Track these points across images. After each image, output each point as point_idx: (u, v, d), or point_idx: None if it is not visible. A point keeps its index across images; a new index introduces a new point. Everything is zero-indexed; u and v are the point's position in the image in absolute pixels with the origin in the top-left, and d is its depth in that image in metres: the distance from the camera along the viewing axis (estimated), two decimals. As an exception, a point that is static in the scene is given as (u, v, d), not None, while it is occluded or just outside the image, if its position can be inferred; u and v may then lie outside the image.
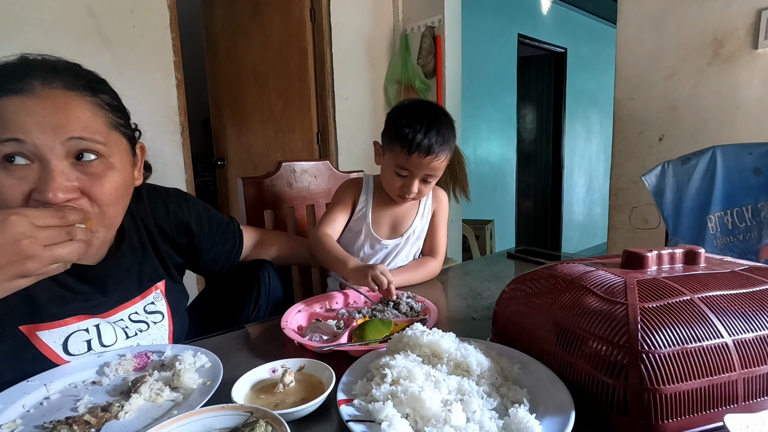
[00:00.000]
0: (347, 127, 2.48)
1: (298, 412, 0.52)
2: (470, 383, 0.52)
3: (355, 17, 2.44)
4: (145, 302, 0.79)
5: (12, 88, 0.58)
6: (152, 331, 0.78)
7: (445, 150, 1.02)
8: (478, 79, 3.59)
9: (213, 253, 0.94)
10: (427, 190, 1.07)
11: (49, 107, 0.59)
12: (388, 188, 1.09)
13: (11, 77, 0.59)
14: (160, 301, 0.81)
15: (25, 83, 0.59)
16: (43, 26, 1.61)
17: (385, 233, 1.15)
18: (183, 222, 0.87)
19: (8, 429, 0.52)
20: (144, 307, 0.78)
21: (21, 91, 0.58)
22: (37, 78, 0.60)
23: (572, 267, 0.64)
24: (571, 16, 4.51)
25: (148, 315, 0.78)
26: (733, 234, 1.28)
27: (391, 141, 1.03)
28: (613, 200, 1.82)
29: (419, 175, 1.03)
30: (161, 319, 0.80)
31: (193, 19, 2.99)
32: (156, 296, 0.81)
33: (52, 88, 0.60)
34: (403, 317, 0.84)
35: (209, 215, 0.94)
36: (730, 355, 0.47)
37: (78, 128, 0.60)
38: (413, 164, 1.01)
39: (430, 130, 0.99)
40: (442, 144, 1.01)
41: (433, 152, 0.99)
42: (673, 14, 1.60)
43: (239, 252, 0.99)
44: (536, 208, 5.00)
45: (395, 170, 1.04)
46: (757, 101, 1.47)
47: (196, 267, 0.96)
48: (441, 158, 1.02)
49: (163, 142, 1.95)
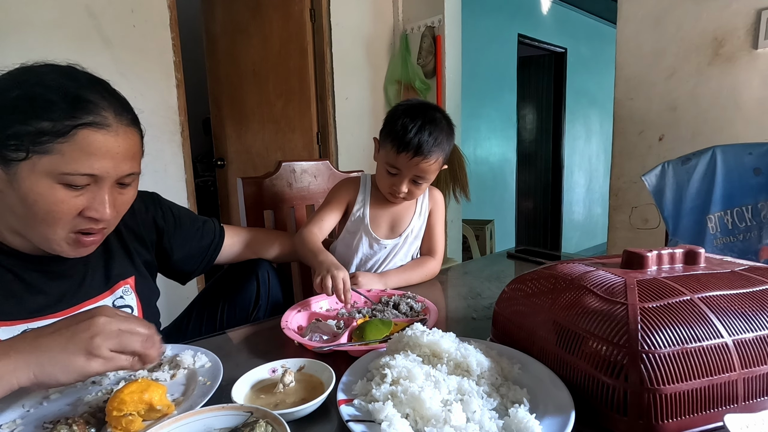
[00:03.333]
0: (347, 127, 2.48)
1: (298, 412, 0.52)
2: (470, 383, 0.52)
3: (355, 17, 2.44)
4: (114, 296, 0.80)
5: (91, 121, 0.62)
6: None
7: (436, 153, 1.00)
8: (478, 79, 3.59)
9: (186, 250, 0.94)
10: (418, 191, 1.07)
11: (122, 144, 0.65)
12: (380, 185, 1.10)
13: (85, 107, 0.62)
14: (129, 295, 0.82)
15: (101, 115, 0.63)
16: (43, 26, 1.61)
17: (384, 233, 1.14)
18: (148, 219, 0.88)
19: (8, 429, 0.52)
20: (113, 301, 0.79)
21: (100, 125, 0.63)
22: (109, 110, 0.64)
23: (572, 267, 0.64)
24: (571, 16, 4.50)
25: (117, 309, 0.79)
26: (733, 234, 1.28)
27: (385, 138, 1.03)
28: (613, 200, 1.82)
29: (408, 176, 1.02)
30: (130, 312, 0.80)
31: (193, 19, 2.99)
32: (125, 290, 0.81)
33: (122, 123, 0.66)
34: (403, 317, 0.84)
35: (180, 213, 0.94)
36: (730, 355, 0.47)
37: (134, 165, 0.69)
38: (401, 163, 1.00)
39: (422, 130, 0.98)
40: (433, 146, 0.99)
41: (421, 153, 0.98)
42: (673, 14, 1.60)
43: (217, 249, 0.99)
44: (536, 208, 5.00)
45: (386, 167, 1.04)
46: (757, 101, 1.47)
47: (170, 265, 0.95)
48: (431, 160, 1.00)
49: (163, 142, 1.95)
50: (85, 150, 0.61)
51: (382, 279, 1.04)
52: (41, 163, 0.60)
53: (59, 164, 0.60)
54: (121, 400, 0.51)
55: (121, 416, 0.50)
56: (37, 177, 0.60)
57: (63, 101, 0.60)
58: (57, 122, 0.59)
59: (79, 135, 0.61)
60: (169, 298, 1.76)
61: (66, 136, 0.60)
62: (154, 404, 0.53)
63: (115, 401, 0.51)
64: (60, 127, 0.59)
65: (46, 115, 0.59)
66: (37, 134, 0.59)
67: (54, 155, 0.60)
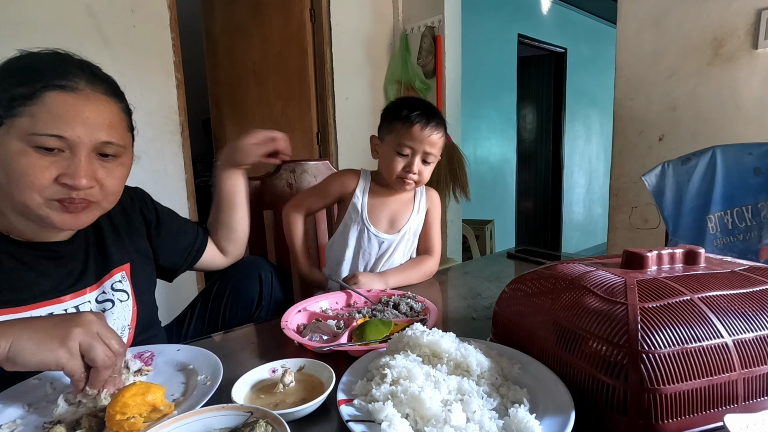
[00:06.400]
0: (347, 127, 2.48)
1: (298, 412, 0.52)
2: (470, 383, 0.52)
3: (355, 17, 2.44)
4: (111, 281, 0.80)
5: (60, 84, 0.63)
6: (116, 310, 0.79)
7: (442, 127, 1.09)
8: (478, 79, 3.59)
9: (170, 245, 0.93)
10: (426, 173, 1.11)
11: (94, 109, 0.65)
12: (389, 174, 1.11)
13: (57, 72, 0.64)
14: (125, 281, 0.82)
15: (72, 81, 0.64)
16: (43, 26, 1.61)
17: (384, 227, 1.15)
18: (136, 211, 0.89)
19: (8, 429, 0.52)
20: (112, 285, 0.80)
21: (69, 89, 0.64)
22: (82, 78, 0.65)
23: (572, 267, 0.64)
24: (571, 16, 4.50)
25: (114, 293, 0.80)
26: (733, 234, 1.28)
27: (392, 123, 1.09)
28: (613, 200, 1.82)
29: (420, 151, 1.07)
30: (126, 299, 0.81)
31: (193, 19, 2.99)
32: (122, 276, 0.82)
33: (96, 90, 0.67)
34: (403, 317, 0.84)
35: (163, 209, 0.94)
36: (730, 355, 0.47)
37: (111, 133, 0.68)
38: (415, 137, 1.06)
39: (426, 107, 1.09)
40: (439, 120, 1.09)
41: (431, 123, 1.06)
42: (673, 14, 1.60)
43: (200, 249, 0.96)
44: (536, 208, 5.00)
45: (396, 150, 1.08)
46: (757, 101, 1.47)
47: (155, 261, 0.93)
48: (440, 132, 1.08)
49: (163, 142, 1.95)
50: (53, 111, 0.62)
51: (382, 278, 1.05)
52: (14, 127, 0.61)
53: (29, 126, 0.61)
54: (124, 403, 0.51)
55: (124, 420, 0.50)
56: (11, 141, 0.62)
57: (39, 69, 0.63)
58: (29, 86, 0.62)
59: (47, 96, 0.62)
60: (169, 298, 1.76)
61: (34, 98, 0.61)
62: (157, 405, 0.53)
63: (117, 405, 0.51)
64: (31, 91, 0.61)
65: (23, 82, 0.62)
66: (10, 99, 0.61)
67: (24, 118, 0.61)
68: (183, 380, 0.63)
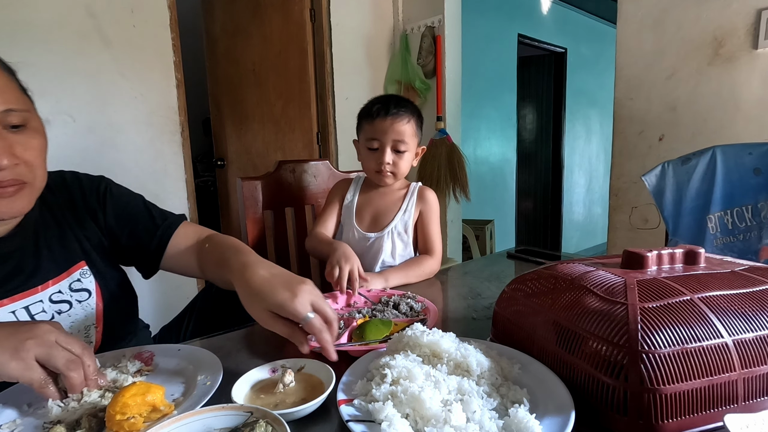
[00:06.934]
0: (347, 127, 2.48)
1: (298, 412, 0.52)
2: (470, 383, 0.52)
3: (355, 17, 2.44)
4: (71, 279, 0.78)
5: None
6: (75, 312, 0.77)
7: (406, 113, 1.10)
8: (478, 79, 3.59)
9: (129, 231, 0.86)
10: (402, 163, 1.12)
11: None
12: (368, 171, 1.16)
13: None
14: (87, 278, 0.79)
15: None
16: (43, 26, 1.61)
17: (366, 225, 1.18)
18: (94, 200, 0.84)
19: (8, 429, 0.52)
20: (70, 284, 0.77)
21: None
22: None
23: (572, 267, 0.64)
24: (571, 16, 4.50)
25: (73, 293, 0.77)
26: (733, 234, 1.28)
27: (360, 123, 1.13)
28: (613, 200, 1.82)
29: (388, 143, 1.09)
30: (87, 297, 0.79)
31: (193, 19, 2.99)
32: (83, 273, 0.79)
33: None
34: (403, 317, 0.84)
35: (127, 199, 0.87)
36: (730, 355, 0.47)
37: (8, 99, 0.65)
38: (378, 130, 1.08)
39: (387, 98, 1.12)
40: (400, 105, 1.10)
41: (392, 112, 1.08)
42: (673, 14, 1.60)
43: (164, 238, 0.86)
44: (536, 208, 5.00)
45: (367, 146, 1.11)
46: (757, 101, 1.47)
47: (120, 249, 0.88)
48: (403, 119, 1.09)
49: (163, 142, 1.95)
50: None
51: (382, 277, 1.05)
52: None
53: None
54: (124, 404, 0.51)
55: (124, 420, 0.50)
56: None
57: None
58: None
59: None
60: (169, 298, 1.77)
61: None
62: (157, 405, 0.53)
63: (117, 405, 0.51)
64: None
65: None
66: None
67: None
68: (183, 380, 0.63)
